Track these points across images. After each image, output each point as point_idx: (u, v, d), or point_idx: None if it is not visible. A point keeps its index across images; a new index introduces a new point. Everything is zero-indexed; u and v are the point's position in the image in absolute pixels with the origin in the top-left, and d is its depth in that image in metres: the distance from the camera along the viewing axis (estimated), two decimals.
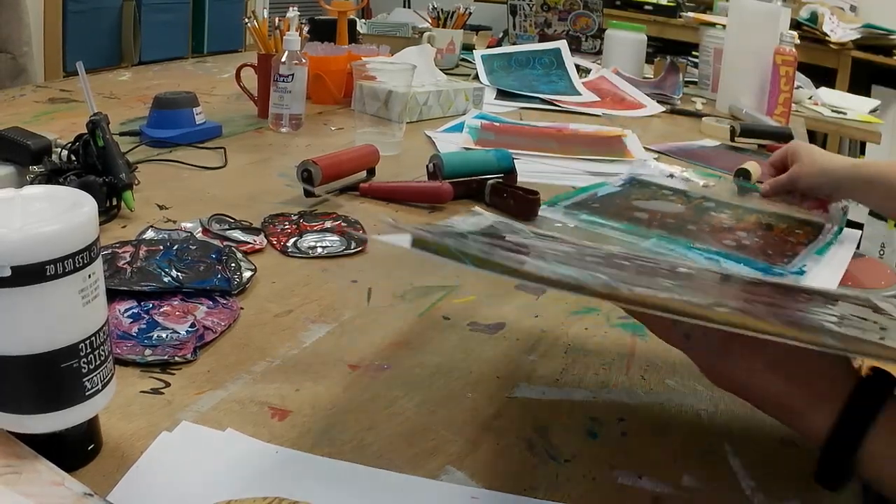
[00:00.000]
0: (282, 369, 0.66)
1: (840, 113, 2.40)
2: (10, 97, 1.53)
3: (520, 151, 1.33)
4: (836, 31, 3.15)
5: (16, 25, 2.55)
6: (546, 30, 2.47)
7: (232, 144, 1.28)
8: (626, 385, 0.68)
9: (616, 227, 1.04)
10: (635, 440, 0.61)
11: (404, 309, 0.79)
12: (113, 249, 0.79)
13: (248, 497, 0.48)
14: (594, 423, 0.62)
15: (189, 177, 1.12)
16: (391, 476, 0.53)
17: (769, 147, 1.63)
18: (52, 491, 0.45)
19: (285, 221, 0.96)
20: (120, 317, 0.69)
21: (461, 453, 0.57)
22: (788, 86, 1.85)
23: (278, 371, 0.65)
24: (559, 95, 1.95)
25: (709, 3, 3.38)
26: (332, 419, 0.59)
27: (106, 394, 0.50)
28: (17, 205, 0.47)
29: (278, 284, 0.80)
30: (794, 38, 1.87)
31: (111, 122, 0.97)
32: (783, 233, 1.09)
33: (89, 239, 0.46)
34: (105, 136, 0.94)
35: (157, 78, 1.83)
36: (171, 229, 0.89)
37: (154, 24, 3.74)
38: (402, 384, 0.65)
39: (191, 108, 1.28)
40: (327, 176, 1.05)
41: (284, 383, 0.63)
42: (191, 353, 0.65)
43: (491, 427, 0.60)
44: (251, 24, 1.48)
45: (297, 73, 1.37)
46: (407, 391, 0.64)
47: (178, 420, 0.56)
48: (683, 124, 1.85)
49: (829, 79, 3.09)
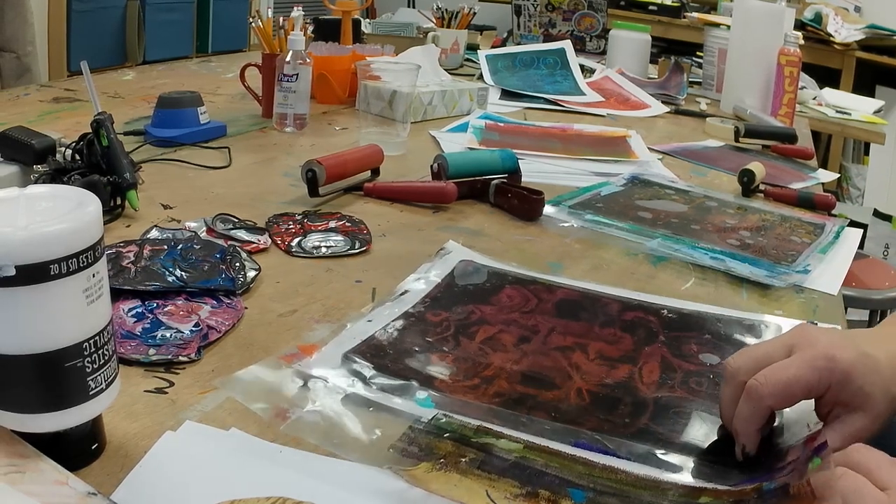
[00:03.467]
0: None
1: (844, 113, 2.40)
2: (15, 96, 1.53)
3: (524, 151, 1.33)
4: (841, 32, 3.15)
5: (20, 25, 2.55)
6: (550, 30, 2.47)
7: (236, 144, 1.28)
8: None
9: (621, 227, 1.04)
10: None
11: None
12: (117, 249, 0.79)
13: (251, 497, 0.48)
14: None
15: (193, 176, 1.12)
16: (393, 476, 0.53)
17: (773, 148, 1.63)
18: (56, 490, 0.45)
19: (289, 221, 0.96)
20: (124, 316, 0.69)
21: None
22: (792, 86, 1.85)
23: None
24: (563, 95, 1.95)
25: (713, 3, 3.38)
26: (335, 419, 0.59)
27: (110, 393, 0.50)
28: (21, 204, 0.47)
29: (282, 284, 0.80)
30: (798, 38, 1.86)
31: (115, 121, 0.97)
32: (786, 232, 1.09)
33: (93, 238, 0.46)
34: (109, 136, 0.94)
35: (161, 77, 1.83)
36: (176, 229, 0.89)
37: (158, 23, 3.74)
38: None
39: (195, 107, 1.28)
40: (331, 176, 1.05)
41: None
42: (195, 352, 0.65)
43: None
44: (256, 24, 1.47)
45: (302, 73, 1.37)
46: None
47: (182, 419, 0.56)
48: (688, 125, 1.85)
49: (833, 79, 3.09)
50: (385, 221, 1.00)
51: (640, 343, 0.74)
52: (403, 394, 0.63)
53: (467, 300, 0.80)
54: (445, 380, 0.66)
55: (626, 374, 0.69)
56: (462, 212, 1.07)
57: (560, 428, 0.61)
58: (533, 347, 0.72)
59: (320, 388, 0.63)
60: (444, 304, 0.79)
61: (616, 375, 0.69)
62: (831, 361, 0.57)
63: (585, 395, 0.65)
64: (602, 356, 0.72)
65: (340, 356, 0.67)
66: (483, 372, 0.67)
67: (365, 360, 0.67)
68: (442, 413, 0.60)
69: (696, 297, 0.86)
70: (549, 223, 1.05)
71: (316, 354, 0.67)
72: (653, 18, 3.44)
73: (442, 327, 0.74)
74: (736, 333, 0.78)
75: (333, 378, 0.64)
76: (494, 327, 0.75)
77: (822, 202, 1.24)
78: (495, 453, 0.56)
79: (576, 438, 0.59)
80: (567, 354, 0.71)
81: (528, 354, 0.71)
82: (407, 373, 0.66)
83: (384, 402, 0.62)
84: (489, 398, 0.64)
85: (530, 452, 0.57)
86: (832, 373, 0.57)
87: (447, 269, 0.87)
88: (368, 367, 0.66)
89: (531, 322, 0.77)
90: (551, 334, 0.75)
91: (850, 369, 0.57)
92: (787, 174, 1.45)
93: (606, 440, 0.59)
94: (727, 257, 0.96)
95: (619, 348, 0.73)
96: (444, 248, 0.91)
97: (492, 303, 0.80)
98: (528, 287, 0.84)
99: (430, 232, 0.98)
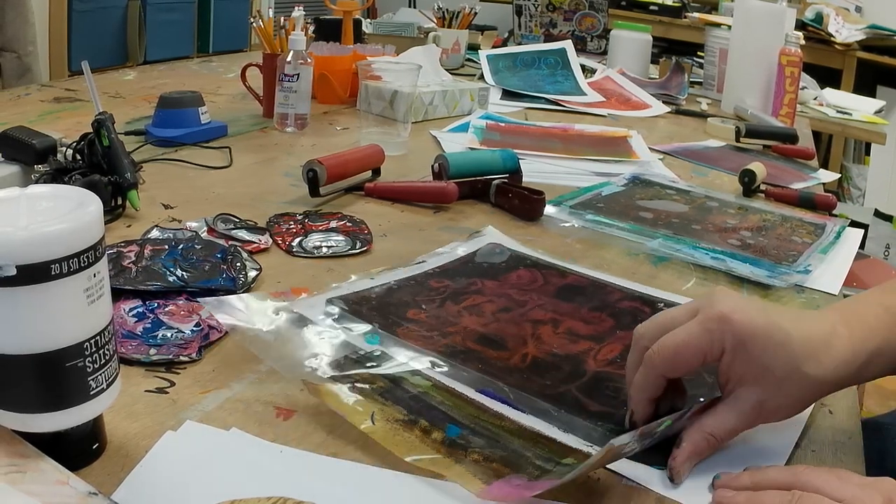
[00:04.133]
0: None
1: (845, 114, 2.40)
2: (16, 96, 1.53)
3: (525, 151, 1.33)
4: (842, 32, 3.15)
5: (21, 25, 2.56)
6: (551, 30, 2.47)
7: (237, 144, 1.28)
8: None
9: (622, 227, 1.04)
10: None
11: None
12: (118, 249, 0.79)
13: (252, 497, 0.48)
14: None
15: (194, 176, 1.12)
16: (396, 476, 0.53)
17: (774, 148, 1.63)
18: (57, 490, 0.45)
19: (290, 221, 0.96)
20: (125, 316, 0.69)
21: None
22: (793, 86, 1.85)
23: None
24: (564, 95, 1.95)
25: (714, 3, 3.38)
26: (336, 419, 0.59)
27: (111, 393, 0.50)
28: (22, 204, 0.47)
29: (283, 284, 0.80)
30: (799, 38, 1.86)
31: (116, 121, 0.97)
32: (787, 232, 1.09)
33: (94, 238, 0.46)
34: (110, 136, 0.94)
35: (162, 77, 1.83)
36: (177, 228, 0.89)
37: (159, 23, 3.75)
38: None
39: (196, 107, 1.28)
40: (332, 176, 1.05)
41: (289, 383, 0.63)
42: (196, 352, 0.65)
43: None
44: (257, 24, 1.48)
45: (303, 73, 1.37)
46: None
47: (183, 419, 0.56)
48: (688, 125, 1.85)
49: (834, 79, 3.09)
50: (386, 221, 1.00)
51: (619, 328, 0.75)
52: (359, 332, 0.67)
53: (476, 275, 0.82)
54: (405, 329, 0.69)
55: (581, 349, 0.69)
56: (463, 212, 1.07)
57: (476, 377, 0.63)
58: (508, 317, 0.74)
59: (286, 318, 0.67)
60: (452, 275, 0.81)
61: (571, 349, 0.69)
62: (725, 323, 0.53)
63: (529, 359, 0.67)
64: (570, 332, 0.72)
65: (325, 300, 0.72)
66: (445, 328, 0.70)
67: (344, 306, 0.71)
68: (380, 350, 0.65)
69: (697, 297, 0.86)
70: (550, 223, 1.05)
71: (304, 295, 0.72)
72: (654, 18, 3.44)
73: (436, 292, 0.77)
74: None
75: (305, 312, 0.69)
76: (485, 297, 0.77)
77: (823, 202, 1.24)
78: (403, 386, 0.61)
79: (484, 386, 0.62)
80: (537, 326, 0.72)
81: (500, 322, 0.73)
82: (374, 319, 0.70)
83: (336, 336, 0.66)
84: (435, 347, 0.66)
85: (434, 391, 0.61)
86: (724, 335, 0.53)
87: (473, 248, 0.90)
88: (344, 309, 0.70)
89: (523, 298, 0.78)
90: (535, 309, 0.76)
91: (746, 335, 0.53)
92: (787, 174, 1.45)
93: (513, 393, 0.61)
94: (728, 257, 0.96)
95: (594, 328, 0.74)
96: (479, 231, 0.95)
97: (498, 279, 0.82)
98: (542, 270, 0.86)
99: (431, 232, 0.98)
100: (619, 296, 0.82)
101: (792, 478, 0.51)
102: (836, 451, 0.61)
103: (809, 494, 0.49)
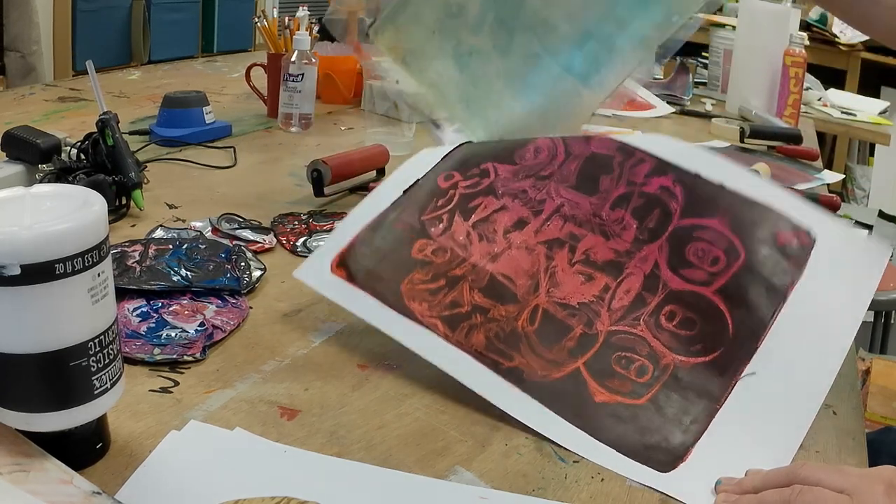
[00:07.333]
0: (291, 369, 0.65)
1: (849, 114, 2.39)
2: (20, 96, 1.53)
3: None
4: (846, 33, 3.14)
5: (25, 24, 2.56)
6: None
7: (241, 144, 1.28)
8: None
9: None
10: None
11: None
12: (122, 248, 0.79)
13: (256, 496, 0.48)
14: None
15: (199, 176, 1.12)
16: (400, 476, 0.53)
17: (778, 148, 1.63)
18: (61, 489, 0.45)
19: (295, 221, 0.96)
20: (129, 315, 0.69)
21: (470, 454, 0.57)
22: (798, 87, 1.84)
23: (287, 370, 0.65)
24: None
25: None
26: (340, 419, 0.59)
27: (115, 392, 0.50)
28: (26, 203, 0.47)
29: (287, 284, 0.80)
30: (803, 39, 1.86)
31: (121, 121, 0.97)
32: None
33: (99, 238, 0.46)
34: (115, 135, 0.94)
35: (166, 77, 1.83)
36: (181, 228, 0.89)
37: (164, 23, 3.75)
38: (411, 384, 0.65)
39: (200, 107, 1.28)
40: (337, 176, 1.05)
41: (293, 383, 0.63)
42: (200, 352, 0.65)
43: (499, 428, 0.60)
44: (261, 24, 1.48)
45: (307, 73, 1.37)
46: (416, 391, 0.64)
47: (187, 419, 0.56)
48: (693, 125, 1.84)
49: (838, 80, 3.08)
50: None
51: (641, 238, 0.70)
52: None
53: (489, 157, 0.76)
54: (410, 285, 0.68)
55: (596, 293, 0.67)
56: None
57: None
58: (521, 238, 0.70)
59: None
60: (462, 159, 0.77)
61: (586, 293, 0.67)
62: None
63: (538, 317, 0.65)
64: (587, 260, 0.69)
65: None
66: (453, 270, 0.68)
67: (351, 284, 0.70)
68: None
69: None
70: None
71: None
72: None
73: (445, 198, 0.73)
74: (761, 229, 0.71)
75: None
76: (498, 201, 0.72)
77: (827, 203, 1.23)
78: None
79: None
80: (551, 253, 0.69)
81: (512, 248, 0.69)
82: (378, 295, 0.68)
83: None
84: (439, 309, 0.66)
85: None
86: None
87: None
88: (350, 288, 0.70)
89: (540, 195, 0.73)
90: (552, 218, 0.71)
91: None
92: (792, 175, 1.45)
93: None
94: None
95: (612, 247, 0.69)
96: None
97: (513, 160, 0.76)
98: (565, 137, 0.79)
99: None
100: (648, 168, 0.75)
101: (792, 474, 0.52)
102: (840, 451, 0.61)
103: (810, 487, 0.50)
